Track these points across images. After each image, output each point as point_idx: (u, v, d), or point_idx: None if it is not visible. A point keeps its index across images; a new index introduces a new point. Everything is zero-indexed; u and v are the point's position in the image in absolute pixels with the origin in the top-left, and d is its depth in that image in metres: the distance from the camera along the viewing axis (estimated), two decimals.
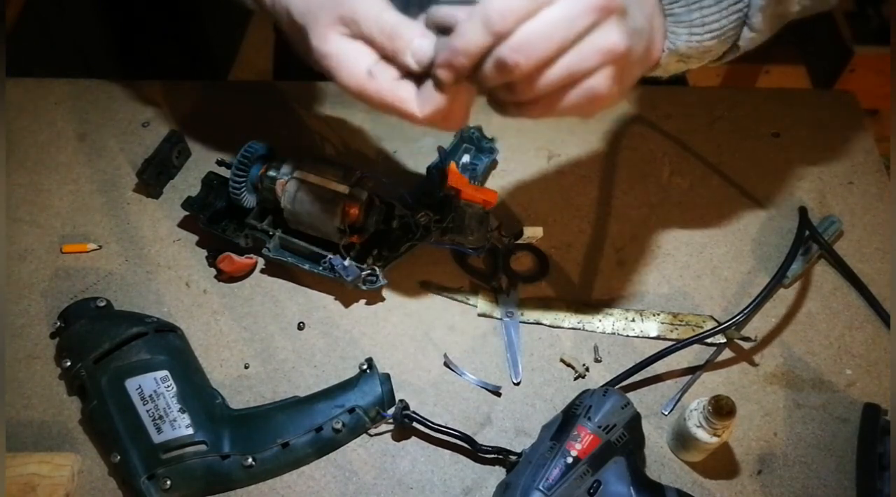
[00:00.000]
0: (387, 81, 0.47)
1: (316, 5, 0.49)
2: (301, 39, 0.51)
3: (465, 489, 0.64)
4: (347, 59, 0.48)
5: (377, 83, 0.47)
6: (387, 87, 0.47)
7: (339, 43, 0.48)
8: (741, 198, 0.82)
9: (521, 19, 0.42)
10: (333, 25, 0.48)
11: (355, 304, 0.73)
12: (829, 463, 0.65)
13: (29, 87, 0.87)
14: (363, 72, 0.47)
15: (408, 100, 0.47)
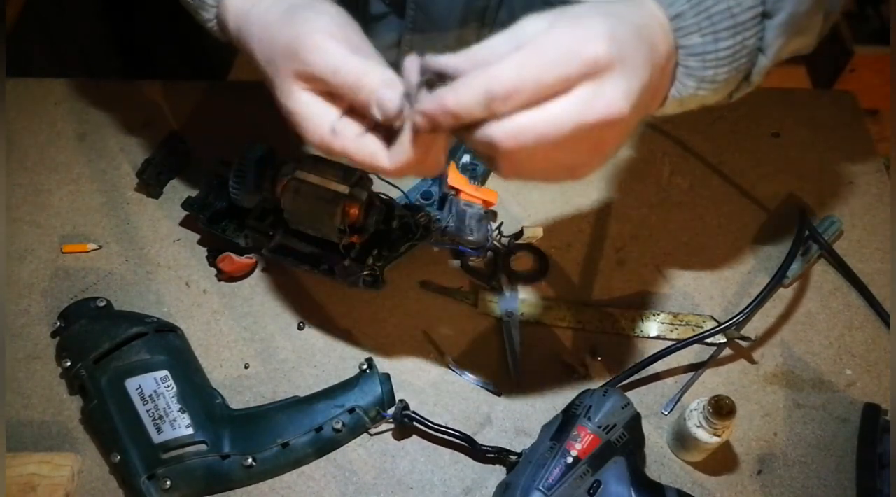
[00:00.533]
0: (350, 138, 0.45)
1: (277, 56, 0.46)
2: (268, 86, 0.49)
3: (465, 489, 0.64)
4: (310, 118, 0.46)
5: (341, 141, 0.45)
6: (351, 144, 0.45)
7: (301, 99, 0.46)
8: (741, 198, 0.82)
9: (525, 105, 0.39)
10: (294, 81, 0.46)
11: (355, 304, 0.73)
12: (829, 463, 0.65)
13: (29, 87, 0.87)
14: (326, 130, 0.45)
15: (375, 153, 0.45)
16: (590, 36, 0.39)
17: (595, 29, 0.40)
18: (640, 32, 0.43)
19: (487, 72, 0.39)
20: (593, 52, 0.39)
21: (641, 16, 0.44)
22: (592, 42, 0.39)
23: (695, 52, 0.46)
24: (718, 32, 0.46)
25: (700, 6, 0.45)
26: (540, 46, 0.39)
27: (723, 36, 0.46)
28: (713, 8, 0.46)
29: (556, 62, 0.39)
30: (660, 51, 0.44)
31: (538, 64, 0.39)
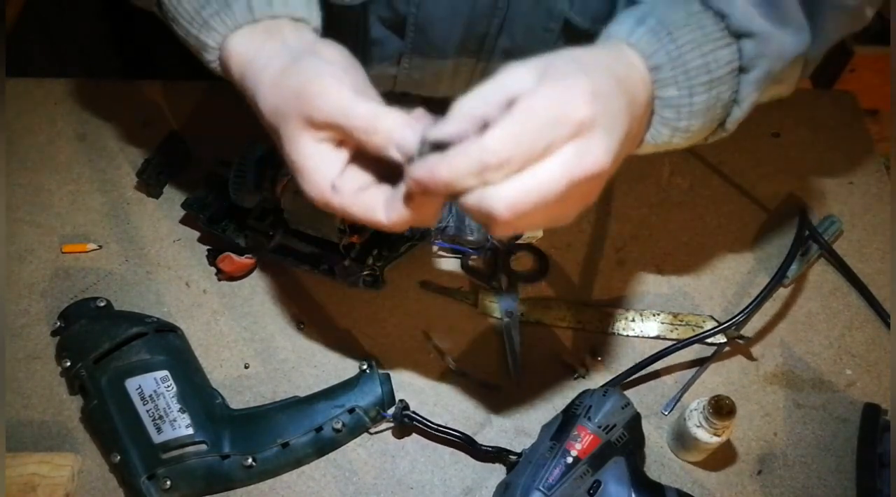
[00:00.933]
0: (349, 195, 0.45)
1: (284, 105, 0.46)
2: (272, 135, 0.48)
3: (465, 489, 0.64)
4: (312, 172, 0.46)
5: (339, 197, 0.46)
6: (349, 200, 0.45)
7: (306, 151, 0.46)
8: (741, 198, 0.82)
9: (515, 172, 0.40)
10: (303, 129, 0.45)
11: (355, 304, 0.73)
12: (829, 463, 0.65)
13: (29, 87, 0.87)
14: (327, 187, 0.46)
15: (373, 209, 0.45)
16: (575, 98, 0.41)
17: (579, 89, 0.41)
18: (621, 85, 0.44)
19: (481, 142, 0.40)
20: (579, 115, 0.41)
21: (622, 67, 0.46)
22: (578, 104, 0.41)
23: (670, 103, 0.48)
24: (694, 87, 0.48)
25: (678, 60, 0.47)
26: (528, 112, 0.40)
27: (698, 90, 0.48)
28: (690, 63, 0.47)
29: (545, 128, 0.40)
30: (639, 101, 0.46)
31: (528, 131, 0.40)
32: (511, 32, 0.71)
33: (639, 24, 0.48)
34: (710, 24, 0.49)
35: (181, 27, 0.51)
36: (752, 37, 0.49)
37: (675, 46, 0.47)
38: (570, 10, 0.67)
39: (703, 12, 0.49)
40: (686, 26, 0.48)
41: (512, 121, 0.40)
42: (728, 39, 0.49)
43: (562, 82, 0.41)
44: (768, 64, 0.49)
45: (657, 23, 0.48)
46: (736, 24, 0.48)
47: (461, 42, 0.71)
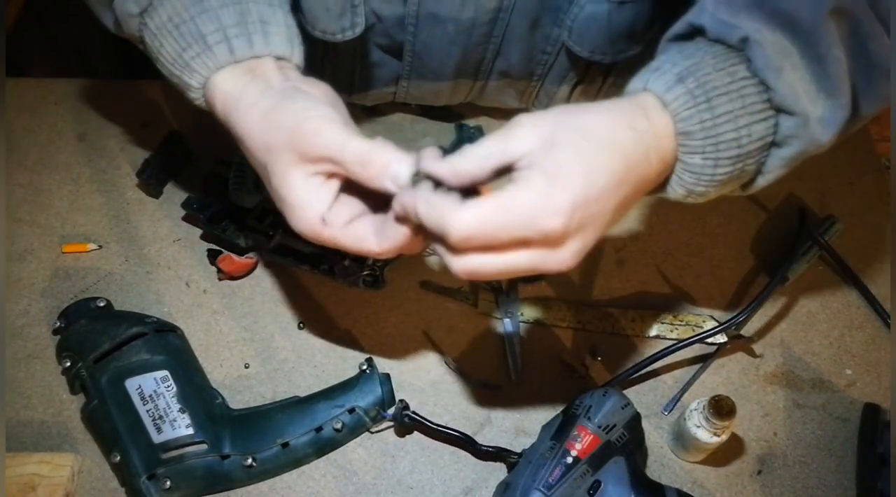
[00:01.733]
0: (339, 227, 0.47)
1: (275, 142, 0.46)
2: (261, 172, 0.49)
3: (465, 489, 0.64)
4: (304, 208, 0.47)
5: (331, 230, 0.47)
6: (340, 233, 0.47)
7: (296, 187, 0.46)
8: (741, 198, 0.82)
9: (477, 250, 0.42)
10: (295, 164, 0.46)
11: (355, 304, 0.73)
12: (829, 463, 0.65)
13: (29, 87, 0.87)
14: (318, 220, 0.47)
15: (363, 238, 0.47)
16: (554, 209, 0.41)
17: (563, 199, 0.41)
18: (627, 179, 0.43)
19: (452, 213, 0.41)
20: (552, 228, 0.41)
21: (644, 151, 0.44)
22: (553, 218, 0.41)
23: (692, 170, 0.46)
24: (720, 159, 0.45)
25: (711, 131, 0.44)
26: (504, 205, 0.41)
27: (724, 163, 0.45)
28: (723, 136, 0.44)
29: (513, 226, 0.41)
30: (647, 185, 0.46)
31: (497, 223, 0.41)
32: (507, 56, 0.72)
33: (678, 82, 0.45)
34: (752, 94, 0.45)
35: (164, 68, 0.52)
36: (793, 115, 0.45)
37: (711, 116, 0.44)
38: (568, 39, 0.67)
39: (748, 79, 0.45)
40: (727, 94, 0.45)
41: (486, 208, 0.41)
42: (768, 113, 0.46)
43: (552, 181, 0.41)
44: (803, 145, 0.46)
45: (697, 86, 0.44)
46: (779, 100, 0.45)
47: (458, 65, 0.71)
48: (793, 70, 0.45)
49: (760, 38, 0.45)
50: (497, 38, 0.69)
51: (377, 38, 0.70)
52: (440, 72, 0.72)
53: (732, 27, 0.45)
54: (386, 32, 0.69)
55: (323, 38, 0.66)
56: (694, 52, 0.46)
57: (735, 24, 0.45)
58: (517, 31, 0.68)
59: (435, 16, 0.65)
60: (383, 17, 0.67)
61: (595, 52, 0.68)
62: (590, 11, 0.65)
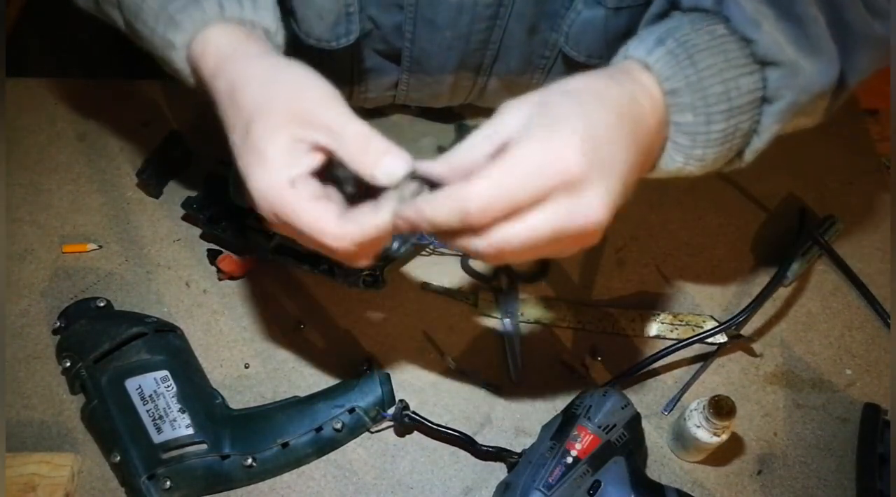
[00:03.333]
0: (305, 197, 0.42)
1: (274, 98, 0.43)
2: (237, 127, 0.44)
3: (465, 489, 0.64)
4: (275, 165, 0.42)
5: (293, 196, 0.42)
6: (302, 203, 0.42)
7: (279, 144, 0.42)
8: (741, 198, 0.82)
9: (502, 219, 0.39)
10: (286, 124, 0.42)
11: (355, 304, 0.73)
12: (829, 463, 0.65)
13: (29, 87, 0.87)
14: (285, 181, 0.42)
15: (322, 219, 0.42)
16: (565, 148, 0.39)
17: (569, 137, 0.39)
18: (623, 120, 0.42)
19: (463, 189, 0.39)
20: (565, 166, 0.39)
21: (627, 95, 0.43)
22: (568, 156, 0.39)
23: (686, 130, 0.45)
24: (712, 114, 0.45)
25: (697, 85, 0.44)
26: (513, 161, 0.39)
27: (716, 118, 0.45)
28: (710, 89, 0.44)
29: (528, 179, 0.39)
30: (646, 129, 0.44)
31: (511, 181, 0.39)
32: (506, 61, 0.72)
33: (658, 44, 0.45)
34: (734, 49, 0.45)
35: (145, 26, 0.49)
36: (779, 66, 0.45)
37: (695, 71, 0.44)
38: (565, 44, 0.67)
39: (728, 36, 0.45)
40: (707, 50, 0.45)
41: (497, 170, 0.39)
42: (752, 67, 0.45)
43: (553, 128, 0.39)
44: (794, 95, 0.46)
45: (677, 45, 0.45)
46: (762, 52, 0.45)
47: (457, 70, 0.72)
48: (778, 26, 0.45)
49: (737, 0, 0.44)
50: (495, 44, 0.69)
51: (375, 45, 0.70)
52: (439, 75, 0.72)
53: None
54: (383, 39, 0.69)
55: (318, 47, 0.66)
56: (669, 20, 0.46)
57: None
58: (515, 36, 0.68)
59: (432, 22, 0.65)
60: (381, 25, 0.67)
61: (592, 57, 0.68)
62: (586, 17, 0.65)
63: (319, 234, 0.42)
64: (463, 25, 0.65)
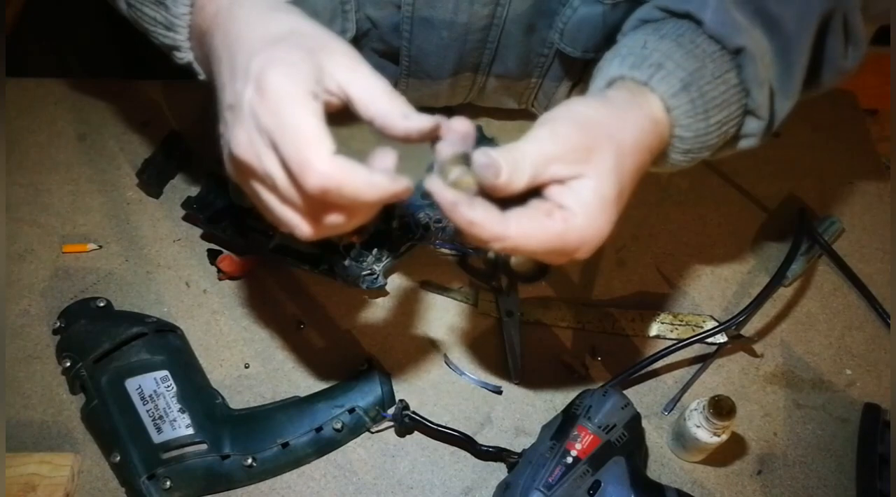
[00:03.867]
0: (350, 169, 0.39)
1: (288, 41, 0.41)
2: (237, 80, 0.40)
3: (465, 489, 0.64)
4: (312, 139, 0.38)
5: (343, 172, 0.38)
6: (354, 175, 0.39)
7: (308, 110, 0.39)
8: (741, 198, 0.82)
9: None
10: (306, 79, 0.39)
11: (355, 304, 0.73)
12: (829, 463, 0.65)
13: (29, 87, 0.87)
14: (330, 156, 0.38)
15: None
16: (602, 229, 0.45)
17: (609, 221, 0.46)
18: (638, 173, 0.46)
19: (505, 226, 0.41)
20: (575, 246, 0.44)
21: (649, 148, 0.46)
22: (601, 234, 0.45)
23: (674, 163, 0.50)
24: (700, 154, 0.49)
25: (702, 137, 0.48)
26: (564, 228, 0.43)
27: (699, 154, 0.49)
28: (710, 141, 0.49)
29: (566, 244, 0.44)
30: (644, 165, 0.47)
31: (550, 240, 0.43)
32: (504, 60, 0.72)
33: (683, 89, 0.46)
34: (736, 102, 0.48)
35: None
36: (759, 119, 0.50)
37: (706, 126, 0.48)
38: (560, 41, 0.67)
39: (737, 87, 0.48)
40: (720, 106, 0.48)
41: (528, 229, 0.42)
42: (741, 118, 0.50)
43: (601, 209, 0.45)
44: (757, 140, 0.52)
45: (699, 96, 0.47)
46: (753, 107, 0.49)
47: (455, 69, 0.72)
48: (765, 71, 0.48)
49: (755, 50, 0.47)
50: (493, 43, 0.69)
51: (373, 44, 0.70)
52: (437, 75, 0.72)
53: (733, 30, 0.47)
54: (381, 38, 0.69)
55: None
56: (694, 51, 0.47)
57: (735, 27, 0.47)
58: (513, 35, 0.68)
59: (429, 21, 0.65)
60: (378, 24, 0.67)
61: (588, 52, 0.68)
62: (583, 14, 0.65)
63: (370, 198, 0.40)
64: (460, 25, 0.65)
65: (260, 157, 0.39)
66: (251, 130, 0.39)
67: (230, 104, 0.41)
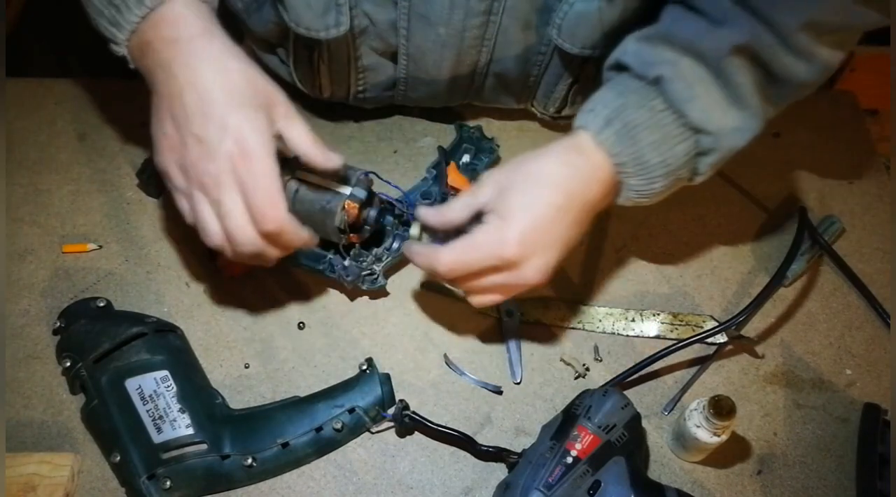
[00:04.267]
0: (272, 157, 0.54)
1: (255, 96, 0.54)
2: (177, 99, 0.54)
3: (465, 489, 0.64)
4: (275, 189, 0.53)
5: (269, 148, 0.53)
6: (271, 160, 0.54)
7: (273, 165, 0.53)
8: (741, 198, 0.82)
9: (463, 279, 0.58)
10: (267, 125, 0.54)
11: (355, 304, 0.73)
12: (829, 463, 0.65)
13: (29, 87, 0.87)
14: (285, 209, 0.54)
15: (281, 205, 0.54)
16: (506, 239, 0.54)
17: (512, 231, 0.54)
18: (572, 202, 0.56)
19: (436, 253, 0.57)
20: (505, 253, 0.54)
21: (582, 178, 0.56)
22: (507, 245, 0.54)
23: (633, 188, 0.58)
24: (653, 178, 0.57)
25: (639, 160, 0.56)
26: (472, 242, 0.56)
27: (657, 179, 0.57)
28: (650, 161, 0.56)
29: (480, 257, 0.55)
30: (593, 198, 0.57)
31: (467, 257, 0.56)
32: (502, 58, 0.72)
33: (607, 125, 0.56)
34: (669, 122, 0.56)
35: None
36: (709, 133, 0.56)
37: (636, 148, 0.56)
38: (557, 37, 0.67)
39: (665, 111, 0.56)
40: (648, 128, 0.55)
41: (460, 246, 0.56)
42: (687, 134, 0.56)
43: (504, 220, 0.55)
44: (723, 153, 0.58)
45: (622, 126, 0.55)
46: (694, 123, 0.56)
47: (453, 67, 0.72)
48: (706, 93, 0.55)
49: (672, 74, 0.55)
50: (490, 40, 0.69)
51: (371, 42, 0.70)
52: (436, 74, 0.72)
53: (649, 65, 0.56)
54: (379, 36, 0.69)
55: (308, 36, 0.66)
56: (622, 90, 0.57)
57: (651, 62, 0.56)
58: (510, 32, 0.68)
59: (426, 18, 0.66)
60: (375, 21, 0.67)
61: (586, 48, 0.68)
62: (580, 9, 0.65)
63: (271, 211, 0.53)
64: (457, 21, 0.65)
65: (220, 188, 0.53)
66: (223, 171, 0.52)
67: (198, 136, 0.53)
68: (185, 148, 0.53)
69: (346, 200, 0.64)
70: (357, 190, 0.65)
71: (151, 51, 0.54)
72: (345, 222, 0.65)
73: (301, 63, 0.73)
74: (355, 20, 0.66)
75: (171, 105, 0.54)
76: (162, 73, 0.54)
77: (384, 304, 0.73)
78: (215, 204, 0.53)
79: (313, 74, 0.75)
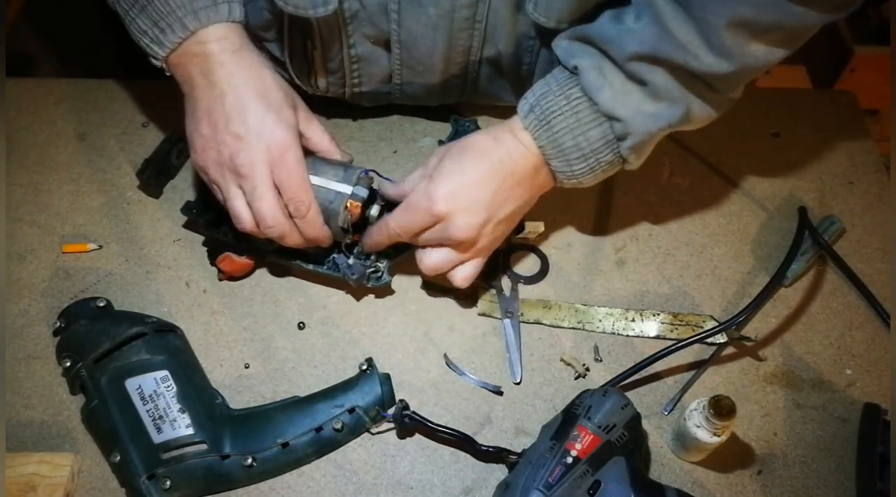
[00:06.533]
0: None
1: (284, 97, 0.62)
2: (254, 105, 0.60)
3: (465, 489, 0.64)
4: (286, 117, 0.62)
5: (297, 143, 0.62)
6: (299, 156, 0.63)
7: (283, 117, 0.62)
8: (741, 198, 0.82)
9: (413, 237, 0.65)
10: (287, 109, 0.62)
11: (355, 304, 0.73)
12: (829, 463, 0.65)
13: (29, 87, 0.87)
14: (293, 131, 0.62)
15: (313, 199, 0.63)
16: (433, 197, 0.61)
17: (438, 190, 0.61)
18: (495, 171, 0.62)
19: (385, 221, 0.65)
20: (434, 208, 0.61)
21: (507, 151, 0.63)
22: (434, 201, 0.61)
23: (557, 169, 0.64)
24: (571, 161, 0.63)
25: (555, 143, 0.62)
26: (407, 203, 0.63)
27: (575, 162, 0.63)
28: (564, 145, 0.62)
29: (415, 215, 0.62)
30: (521, 172, 0.63)
31: (406, 216, 0.63)
32: (494, 43, 0.71)
33: (530, 110, 0.62)
34: (584, 108, 0.61)
35: (159, 7, 0.59)
36: (618, 120, 0.60)
37: (552, 133, 0.61)
38: (534, 11, 0.67)
39: (581, 98, 0.61)
40: (562, 114, 0.61)
41: (399, 209, 0.64)
42: (601, 120, 0.61)
43: (432, 182, 0.62)
44: (639, 137, 0.61)
45: (541, 112, 0.62)
46: (604, 110, 0.60)
47: (446, 54, 0.71)
48: (617, 83, 0.60)
49: (586, 65, 0.60)
50: (481, 22, 0.68)
51: (364, 29, 0.70)
52: (429, 62, 0.72)
53: (570, 56, 0.61)
54: (370, 20, 0.69)
55: (296, 14, 0.66)
56: (549, 79, 0.63)
57: (572, 54, 0.61)
58: (500, 14, 0.68)
59: None
60: (366, 4, 0.67)
61: (562, 21, 0.67)
62: None
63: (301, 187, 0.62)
64: (446, 1, 0.65)
65: (255, 175, 0.60)
66: (259, 161, 0.60)
67: (236, 133, 0.59)
68: (223, 145, 0.60)
69: (349, 200, 0.64)
70: (358, 189, 0.65)
71: (193, 63, 0.60)
72: (348, 221, 0.65)
73: (296, 55, 0.74)
74: (345, 2, 0.66)
75: (209, 108, 0.60)
76: (203, 81, 0.60)
77: (384, 304, 0.73)
78: (250, 189, 0.60)
79: (308, 67, 0.75)
